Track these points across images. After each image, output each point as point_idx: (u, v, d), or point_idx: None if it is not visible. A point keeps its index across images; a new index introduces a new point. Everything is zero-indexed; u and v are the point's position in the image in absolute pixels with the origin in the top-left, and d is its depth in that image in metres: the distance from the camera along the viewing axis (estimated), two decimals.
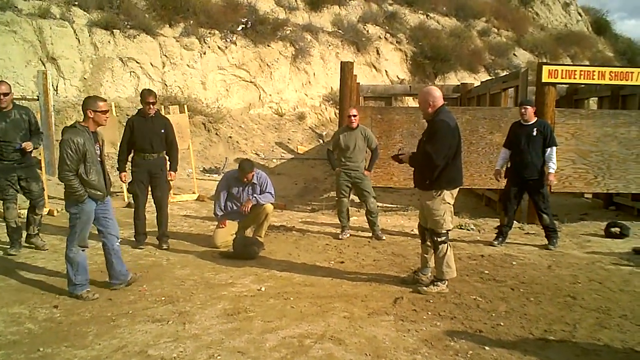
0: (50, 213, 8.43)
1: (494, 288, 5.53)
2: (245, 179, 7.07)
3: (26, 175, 6.50)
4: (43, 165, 8.51)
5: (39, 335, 4.21)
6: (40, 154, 8.40)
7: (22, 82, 11.84)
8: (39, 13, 12.58)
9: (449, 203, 5.27)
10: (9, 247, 6.54)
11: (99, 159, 5.11)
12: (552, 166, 7.25)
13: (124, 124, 7.20)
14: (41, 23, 12.44)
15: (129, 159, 7.01)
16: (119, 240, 5.43)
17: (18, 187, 6.49)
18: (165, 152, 7.06)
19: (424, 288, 5.30)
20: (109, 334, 4.22)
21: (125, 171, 7.03)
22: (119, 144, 7.14)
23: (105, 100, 5.22)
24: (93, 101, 5.07)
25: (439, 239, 5.26)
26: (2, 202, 6.52)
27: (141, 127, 6.86)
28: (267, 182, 7.24)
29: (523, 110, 7.29)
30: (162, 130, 7.00)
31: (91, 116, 5.02)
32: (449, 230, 5.33)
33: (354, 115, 7.70)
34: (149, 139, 6.87)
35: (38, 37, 12.34)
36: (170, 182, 7.17)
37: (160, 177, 7.01)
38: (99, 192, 5.07)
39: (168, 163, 7.15)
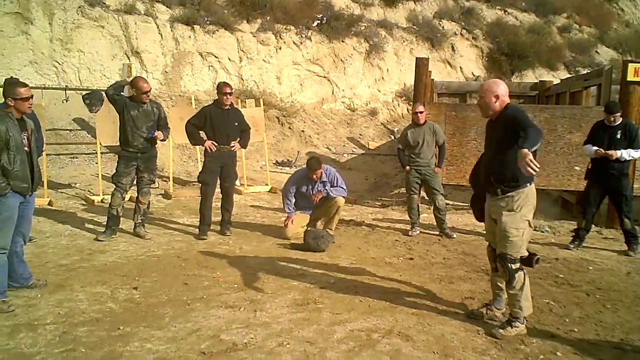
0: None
1: (569, 293, 5.37)
2: (314, 176, 7.08)
3: (144, 165, 6.75)
4: None
5: (119, 315, 4.44)
6: None
7: (109, 75, 12.43)
8: (125, 9, 13.17)
9: (528, 219, 4.22)
10: (102, 232, 6.78)
11: (25, 149, 4.59)
12: (625, 154, 6.81)
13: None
14: (127, 18, 13.01)
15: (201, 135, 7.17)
16: (26, 243, 4.98)
17: (134, 176, 6.76)
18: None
19: (500, 331, 4.22)
20: (184, 317, 4.40)
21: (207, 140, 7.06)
22: (186, 122, 7.18)
23: (27, 86, 4.64)
24: (12, 88, 4.54)
25: (513, 266, 4.17)
26: (114, 187, 6.74)
27: (217, 120, 7.03)
28: (337, 176, 7.28)
29: (613, 119, 6.89)
30: (236, 123, 7.21)
31: (11, 104, 4.54)
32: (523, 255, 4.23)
33: (420, 112, 7.65)
34: (225, 131, 7.06)
35: (124, 32, 12.92)
36: (233, 149, 7.13)
37: (231, 168, 7.22)
38: (24, 185, 4.56)
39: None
